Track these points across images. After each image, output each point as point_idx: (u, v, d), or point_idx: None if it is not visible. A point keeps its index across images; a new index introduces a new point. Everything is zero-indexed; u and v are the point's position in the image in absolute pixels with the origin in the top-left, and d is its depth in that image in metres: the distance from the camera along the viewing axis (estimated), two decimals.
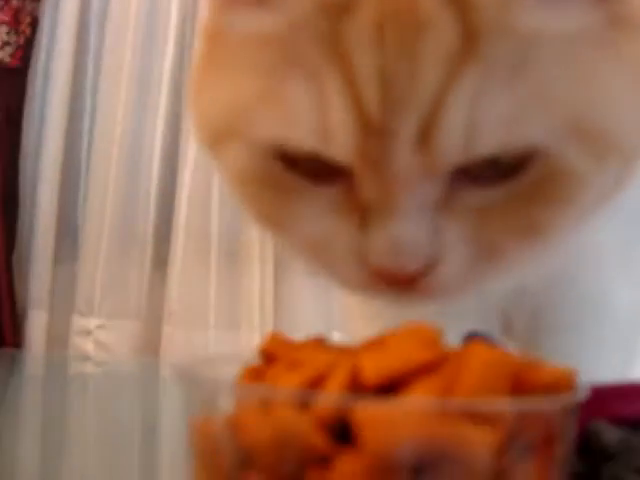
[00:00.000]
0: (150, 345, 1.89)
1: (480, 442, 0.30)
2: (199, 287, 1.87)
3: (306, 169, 0.40)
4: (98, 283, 1.90)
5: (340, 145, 0.38)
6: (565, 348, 0.61)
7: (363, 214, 0.40)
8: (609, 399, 0.41)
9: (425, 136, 0.37)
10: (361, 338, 0.37)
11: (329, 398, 0.31)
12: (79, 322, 1.90)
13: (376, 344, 0.35)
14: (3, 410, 1.25)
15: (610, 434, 0.40)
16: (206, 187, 1.87)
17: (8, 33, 1.90)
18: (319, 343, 0.38)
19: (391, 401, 0.31)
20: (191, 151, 1.87)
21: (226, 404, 0.33)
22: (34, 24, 1.93)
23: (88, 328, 1.89)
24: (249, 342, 1.85)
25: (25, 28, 1.92)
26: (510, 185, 0.39)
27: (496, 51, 0.37)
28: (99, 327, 1.89)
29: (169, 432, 1.26)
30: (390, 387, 0.31)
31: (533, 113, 0.38)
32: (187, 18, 1.95)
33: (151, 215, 1.90)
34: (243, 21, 0.42)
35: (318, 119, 0.38)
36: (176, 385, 0.36)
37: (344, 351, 0.35)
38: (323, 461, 0.30)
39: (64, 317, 1.91)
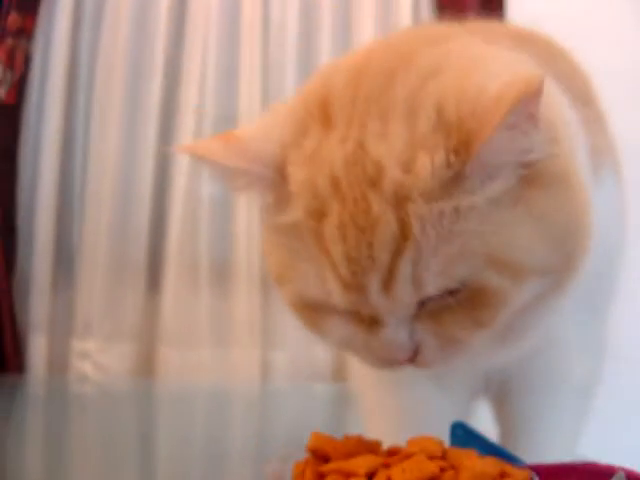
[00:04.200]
0: (146, 365, 1.95)
1: None
2: (191, 309, 1.93)
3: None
4: (95, 307, 1.95)
5: (336, 299, 0.59)
6: (530, 407, 0.79)
7: (367, 325, 0.61)
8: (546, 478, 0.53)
9: (386, 291, 0.57)
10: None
11: None
12: (78, 345, 1.95)
13: (399, 455, 0.53)
14: (8, 430, 1.33)
15: None
16: (195, 214, 1.94)
17: (4, 71, 1.94)
18: (358, 443, 0.58)
19: None
20: (180, 181, 1.94)
21: None
22: (27, 62, 1.98)
23: (86, 350, 1.94)
24: (240, 359, 1.92)
25: (19, 66, 1.97)
26: (455, 299, 0.58)
27: (425, 232, 0.55)
28: (97, 349, 1.94)
29: (164, 447, 1.35)
30: None
31: (458, 264, 0.56)
32: (173, 57, 2.02)
33: (144, 241, 1.95)
34: (278, 217, 0.62)
35: (322, 284, 0.60)
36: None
37: (378, 457, 0.54)
38: None
39: (63, 341, 1.95)
